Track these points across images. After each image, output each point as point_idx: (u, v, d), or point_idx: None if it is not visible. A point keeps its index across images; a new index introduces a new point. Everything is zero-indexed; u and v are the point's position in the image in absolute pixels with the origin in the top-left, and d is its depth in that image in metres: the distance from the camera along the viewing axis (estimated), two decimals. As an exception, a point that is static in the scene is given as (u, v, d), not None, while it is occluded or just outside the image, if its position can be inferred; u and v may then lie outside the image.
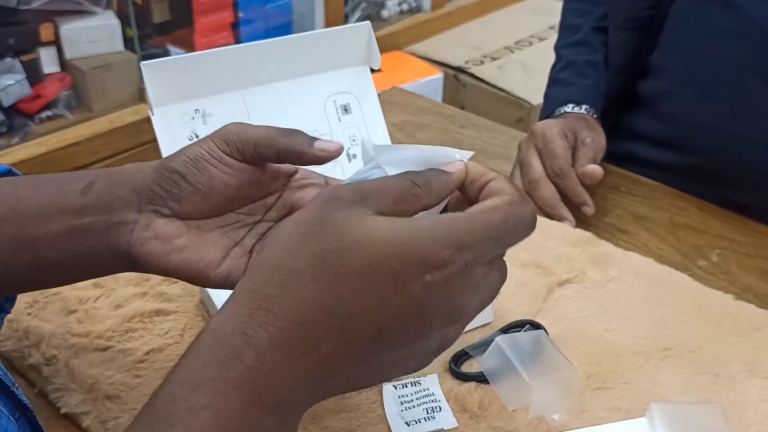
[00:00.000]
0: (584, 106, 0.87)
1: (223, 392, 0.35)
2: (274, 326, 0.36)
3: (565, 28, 0.98)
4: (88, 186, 0.46)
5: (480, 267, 0.38)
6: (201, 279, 0.47)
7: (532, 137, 0.80)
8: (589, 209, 0.77)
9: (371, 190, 0.38)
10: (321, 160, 0.46)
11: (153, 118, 0.60)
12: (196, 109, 0.62)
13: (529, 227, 0.40)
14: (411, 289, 0.36)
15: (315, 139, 0.46)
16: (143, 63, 0.60)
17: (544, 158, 0.78)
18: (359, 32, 0.67)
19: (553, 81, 0.94)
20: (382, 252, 0.36)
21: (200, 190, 0.46)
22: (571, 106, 0.87)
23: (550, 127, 0.80)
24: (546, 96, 0.94)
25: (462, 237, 0.37)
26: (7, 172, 0.51)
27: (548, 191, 0.77)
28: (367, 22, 0.67)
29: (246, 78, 0.63)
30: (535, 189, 0.78)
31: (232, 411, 0.35)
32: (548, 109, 0.90)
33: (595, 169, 0.77)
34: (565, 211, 0.76)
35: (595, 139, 0.80)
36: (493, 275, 0.39)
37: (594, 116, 0.86)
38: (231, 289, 0.41)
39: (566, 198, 0.77)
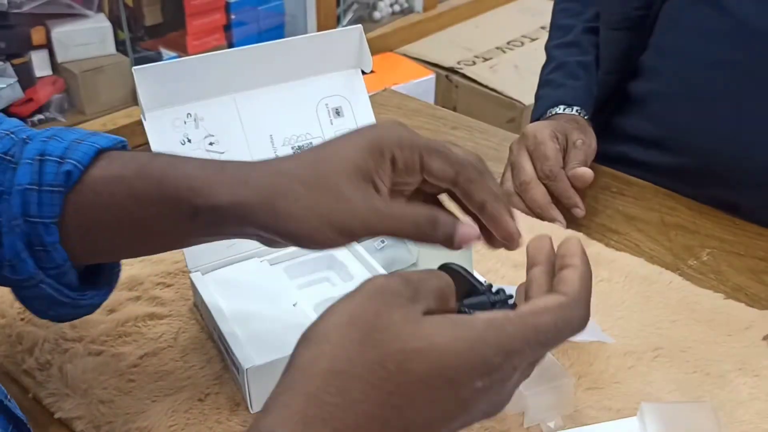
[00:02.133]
0: (575, 108, 0.87)
1: None
2: None
3: (555, 28, 0.98)
4: (193, 213, 0.45)
5: (524, 368, 0.39)
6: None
7: (524, 139, 0.81)
8: (580, 211, 0.77)
9: (419, 282, 0.38)
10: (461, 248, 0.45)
11: (145, 123, 0.60)
12: (188, 114, 0.62)
13: (577, 330, 0.39)
14: (461, 395, 0.36)
15: (453, 228, 0.43)
16: (135, 68, 0.60)
17: (535, 160, 0.79)
18: (351, 35, 0.67)
19: (544, 82, 0.95)
20: (444, 362, 0.35)
21: None
22: (562, 107, 0.87)
23: (541, 129, 0.80)
24: (537, 97, 0.94)
25: (513, 343, 0.36)
26: (120, 144, 0.51)
27: (539, 193, 0.77)
28: (359, 26, 0.67)
29: (237, 82, 0.63)
30: (526, 191, 0.78)
31: None
32: (539, 111, 0.90)
33: (586, 172, 0.77)
34: (556, 213, 0.77)
35: (585, 141, 0.81)
36: (529, 370, 0.40)
37: (585, 117, 0.87)
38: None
39: (557, 200, 0.77)
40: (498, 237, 0.46)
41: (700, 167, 0.83)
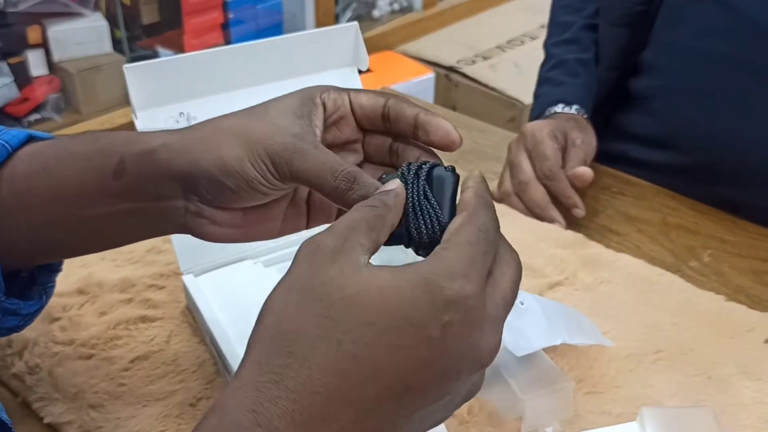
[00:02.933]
0: (575, 107, 0.86)
1: None
2: (286, 399, 0.33)
3: (554, 25, 0.97)
4: (120, 167, 0.44)
5: (496, 294, 0.36)
6: (266, 239, 0.47)
7: (522, 138, 0.80)
8: (580, 211, 0.76)
9: (346, 228, 0.36)
10: None
11: (136, 122, 0.59)
12: (181, 112, 0.61)
13: (496, 227, 0.39)
14: (430, 335, 0.33)
15: (370, 190, 0.40)
16: (125, 66, 0.59)
17: (533, 160, 0.78)
18: (347, 33, 0.66)
19: (543, 80, 0.94)
20: (390, 299, 0.33)
21: (252, 200, 0.44)
22: (561, 106, 0.86)
23: (540, 129, 0.79)
24: (536, 95, 0.93)
25: (460, 261, 0.35)
26: (28, 138, 0.48)
27: (538, 193, 0.76)
28: (355, 23, 0.66)
29: (231, 80, 0.62)
30: (525, 191, 0.77)
31: None
32: (538, 109, 0.89)
33: (585, 171, 0.76)
34: (555, 213, 0.76)
35: (585, 140, 0.80)
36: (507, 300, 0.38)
37: (584, 116, 0.86)
38: None
39: (557, 200, 0.76)
40: (437, 141, 0.44)
41: (703, 165, 0.82)
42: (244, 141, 0.42)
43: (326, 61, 0.66)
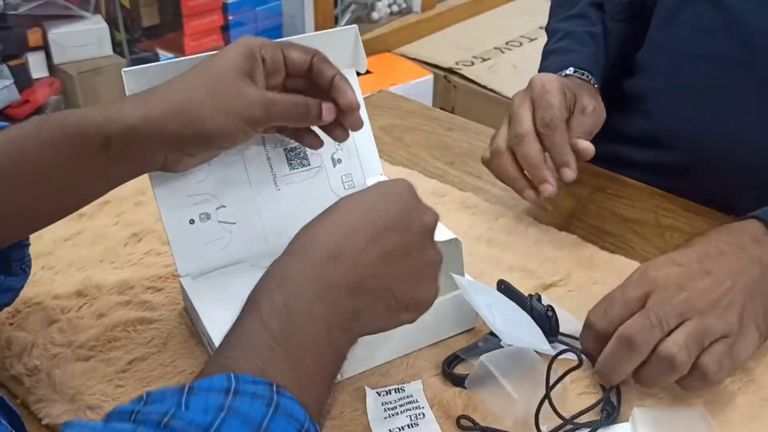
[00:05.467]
0: (586, 72, 0.81)
1: (330, 299, 0.44)
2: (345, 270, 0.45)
3: (557, 6, 0.94)
4: (105, 143, 0.50)
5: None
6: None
7: (529, 89, 0.73)
8: (571, 173, 0.71)
9: None
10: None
11: None
12: None
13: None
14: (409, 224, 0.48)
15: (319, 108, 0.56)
16: (124, 70, 0.59)
17: (537, 108, 0.71)
18: (346, 36, 0.66)
19: (549, 53, 0.88)
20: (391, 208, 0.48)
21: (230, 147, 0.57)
22: (572, 69, 0.81)
23: (550, 80, 0.73)
24: (540, 69, 0.87)
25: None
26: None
27: (533, 149, 0.70)
28: (354, 26, 0.67)
29: None
30: (520, 145, 0.71)
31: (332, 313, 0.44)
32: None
33: (588, 147, 0.71)
34: (547, 174, 0.70)
35: (597, 109, 0.74)
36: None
37: (595, 86, 0.81)
38: None
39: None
40: (342, 106, 0.57)
41: (696, 165, 0.82)
42: (222, 108, 0.52)
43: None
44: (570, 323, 0.62)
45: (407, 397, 0.56)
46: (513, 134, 0.72)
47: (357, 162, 0.68)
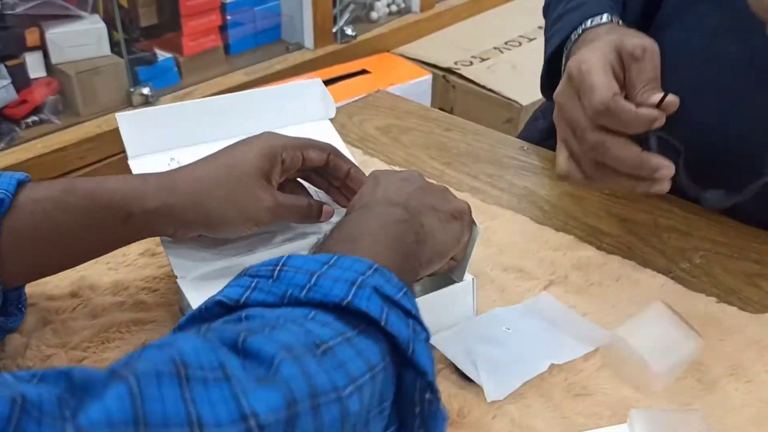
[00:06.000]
0: (605, 15, 0.69)
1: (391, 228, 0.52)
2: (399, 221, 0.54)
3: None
4: (127, 217, 0.55)
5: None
6: None
7: (569, 80, 0.61)
8: (667, 172, 0.59)
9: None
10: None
11: (130, 166, 0.64)
12: (171, 158, 0.66)
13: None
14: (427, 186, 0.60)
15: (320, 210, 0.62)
16: (117, 115, 0.64)
17: (582, 98, 0.59)
18: (311, 88, 0.72)
19: (557, 18, 0.76)
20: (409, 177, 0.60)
21: None
22: (590, 21, 0.70)
23: (587, 57, 0.60)
24: (549, 37, 0.78)
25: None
26: (25, 180, 0.55)
27: (615, 144, 0.58)
28: (318, 79, 0.73)
29: (218, 130, 0.66)
30: (587, 150, 0.59)
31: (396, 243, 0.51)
32: (557, 40, 0.73)
33: (670, 100, 0.58)
34: (657, 160, 0.58)
35: (647, 45, 0.60)
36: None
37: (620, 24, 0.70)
38: None
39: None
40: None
41: (696, 165, 0.82)
42: (235, 205, 0.56)
43: (301, 114, 0.71)
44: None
45: (403, 398, 0.56)
46: (586, 147, 0.60)
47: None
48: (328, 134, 0.71)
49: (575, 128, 0.60)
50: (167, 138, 0.66)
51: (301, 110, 0.71)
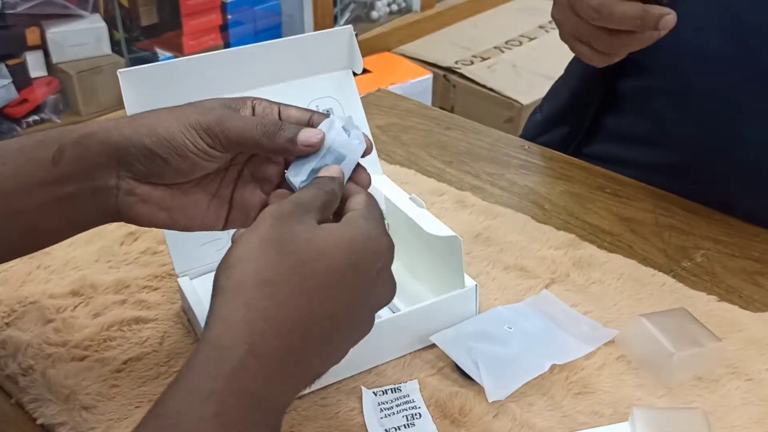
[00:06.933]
0: None
1: (232, 401, 0.38)
2: (270, 334, 0.40)
3: None
4: (58, 154, 0.47)
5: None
6: (186, 229, 0.53)
7: None
8: (672, 18, 0.57)
9: (307, 203, 0.45)
10: (306, 152, 0.49)
11: None
12: None
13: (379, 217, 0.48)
14: (369, 275, 0.44)
15: (296, 131, 0.48)
16: (119, 71, 0.59)
17: (575, 2, 0.60)
18: (341, 36, 0.66)
19: None
20: (344, 253, 0.43)
21: (183, 171, 0.49)
22: None
23: None
24: None
25: (378, 224, 0.46)
26: None
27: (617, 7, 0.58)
28: (349, 26, 0.67)
29: (225, 84, 0.62)
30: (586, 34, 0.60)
31: (239, 417, 0.38)
32: None
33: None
34: (658, 9, 0.57)
35: None
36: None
37: None
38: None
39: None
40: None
41: (694, 164, 0.82)
42: (176, 116, 0.48)
43: (322, 65, 0.66)
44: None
45: (403, 396, 0.56)
46: (590, 12, 0.59)
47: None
48: (347, 89, 0.66)
49: (575, 3, 0.61)
50: (172, 95, 0.56)
51: (324, 60, 0.65)
